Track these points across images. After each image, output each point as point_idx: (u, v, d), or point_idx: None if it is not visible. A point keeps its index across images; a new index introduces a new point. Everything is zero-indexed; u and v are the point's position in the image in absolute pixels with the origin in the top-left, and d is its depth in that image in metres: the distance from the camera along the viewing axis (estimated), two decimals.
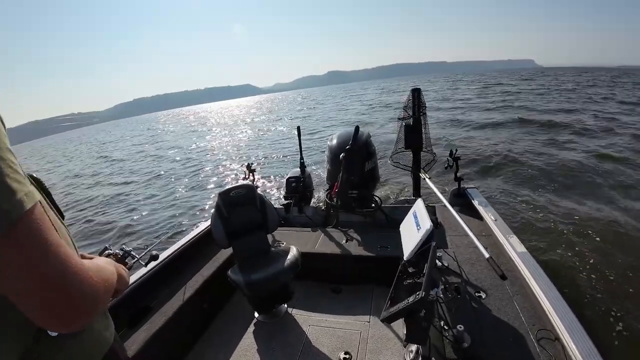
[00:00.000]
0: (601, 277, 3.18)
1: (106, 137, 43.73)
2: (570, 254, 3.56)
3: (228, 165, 10.81)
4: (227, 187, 2.09)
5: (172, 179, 10.02)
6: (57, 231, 0.48)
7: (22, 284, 0.41)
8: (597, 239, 3.80)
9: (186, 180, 9.65)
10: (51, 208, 0.60)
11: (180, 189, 8.70)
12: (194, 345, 1.97)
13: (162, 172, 11.31)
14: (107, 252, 0.99)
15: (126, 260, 1.03)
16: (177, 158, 14.06)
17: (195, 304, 1.98)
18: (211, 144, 17.09)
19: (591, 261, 3.42)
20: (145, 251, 1.33)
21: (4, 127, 0.44)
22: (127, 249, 1.07)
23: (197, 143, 17.97)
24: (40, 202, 0.47)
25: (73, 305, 0.45)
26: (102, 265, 0.60)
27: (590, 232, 3.95)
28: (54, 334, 0.55)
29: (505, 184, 5.94)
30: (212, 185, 8.66)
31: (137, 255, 1.11)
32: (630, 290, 2.97)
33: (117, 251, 1.01)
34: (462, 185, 2.69)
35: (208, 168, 10.83)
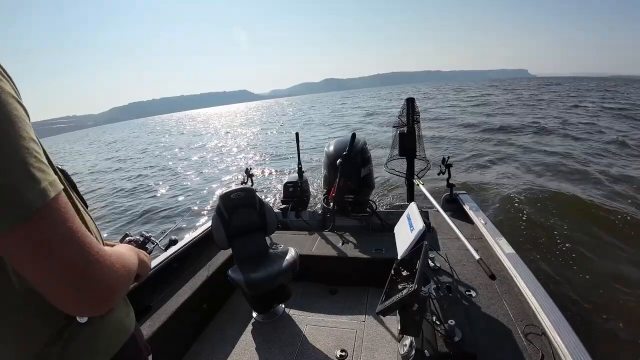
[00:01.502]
0: (585, 275, 3.31)
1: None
2: (556, 255, 3.68)
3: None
4: (228, 189, 2.15)
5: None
6: (82, 220, 0.50)
7: (46, 270, 0.42)
8: (582, 240, 3.94)
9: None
10: (76, 198, 0.62)
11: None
12: (194, 344, 2.00)
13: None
14: (127, 238, 1.04)
15: (146, 246, 1.08)
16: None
17: (195, 304, 2.02)
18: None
19: (576, 259, 3.56)
20: (163, 236, 1.38)
21: (29, 118, 0.45)
22: (147, 234, 1.11)
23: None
24: (66, 191, 0.48)
25: (95, 290, 0.47)
26: (123, 252, 0.62)
27: (575, 233, 4.09)
28: (83, 320, 0.57)
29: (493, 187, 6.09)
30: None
31: (156, 241, 1.15)
32: (614, 287, 3.09)
33: (137, 237, 1.06)
34: (454, 191, 2.79)
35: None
